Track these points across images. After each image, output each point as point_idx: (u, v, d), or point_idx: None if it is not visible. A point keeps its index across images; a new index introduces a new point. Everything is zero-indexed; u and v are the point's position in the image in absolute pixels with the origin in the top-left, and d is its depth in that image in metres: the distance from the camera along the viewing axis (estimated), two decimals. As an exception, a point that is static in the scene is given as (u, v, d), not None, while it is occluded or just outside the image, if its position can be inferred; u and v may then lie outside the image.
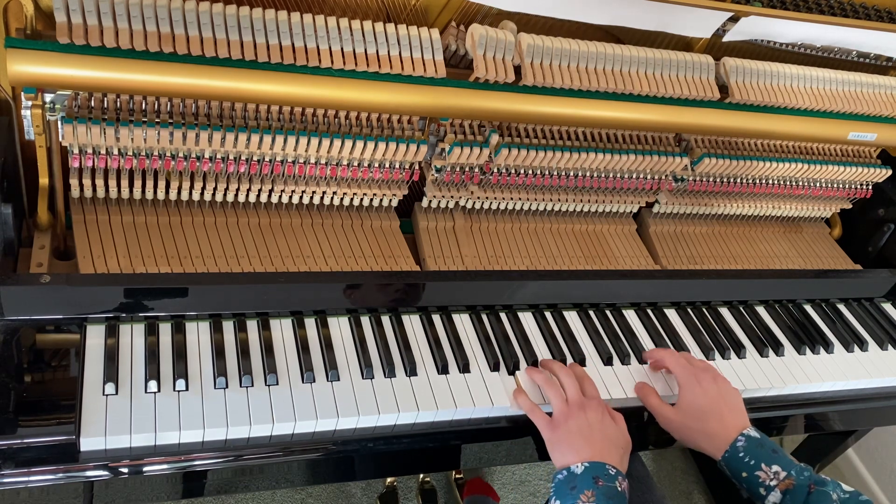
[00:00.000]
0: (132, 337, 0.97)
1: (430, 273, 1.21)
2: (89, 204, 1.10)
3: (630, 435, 1.02)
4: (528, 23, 1.14)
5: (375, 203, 1.22)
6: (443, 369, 1.06)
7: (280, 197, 1.15)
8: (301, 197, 1.16)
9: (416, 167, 1.16)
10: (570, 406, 0.99)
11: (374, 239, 1.23)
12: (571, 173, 1.23)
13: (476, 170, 1.18)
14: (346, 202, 1.20)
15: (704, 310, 1.32)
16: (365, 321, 1.09)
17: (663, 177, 1.30)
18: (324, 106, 1.04)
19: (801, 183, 1.41)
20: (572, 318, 1.22)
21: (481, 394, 1.04)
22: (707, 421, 1.01)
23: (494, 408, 1.03)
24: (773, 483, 0.94)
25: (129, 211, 1.11)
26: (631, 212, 1.42)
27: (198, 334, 1.00)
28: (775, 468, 0.95)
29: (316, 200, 1.17)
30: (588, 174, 1.24)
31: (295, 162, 1.08)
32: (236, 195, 1.12)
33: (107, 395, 0.89)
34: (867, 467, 2.15)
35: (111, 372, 0.92)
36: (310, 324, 1.06)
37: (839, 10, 1.28)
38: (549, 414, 1.01)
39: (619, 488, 0.90)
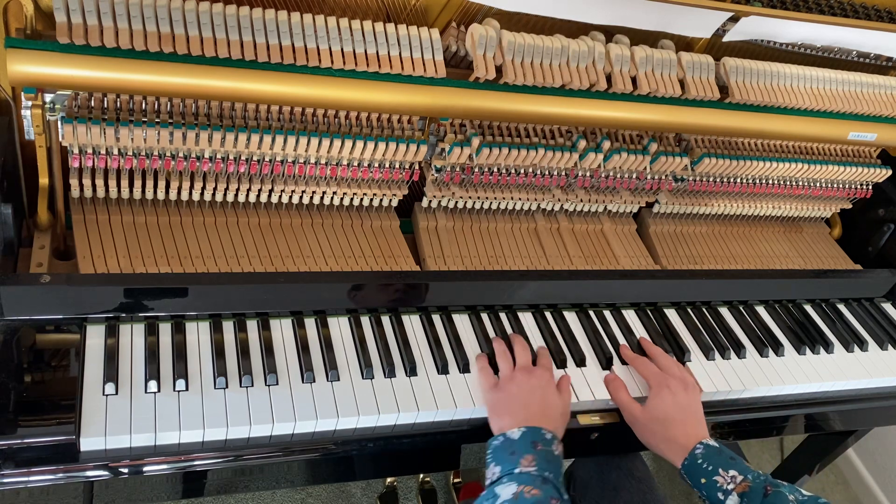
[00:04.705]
0: (132, 337, 0.97)
1: (430, 273, 1.21)
2: (89, 204, 1.10)
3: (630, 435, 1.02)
4: (528, 23, 1.14)
5: (375, 203, 1.22)
6: (443, 369, 1.06)
7: (280, 197, 1.15)
8: (301, 197, 1.16)
9: (416, 167, 1.16)
10: (516, 370, 1.04)
11: (374, 239, 1.23)
12: (572, 172, 1.22)
13: (477, 170, 1.18)
14: (346, 202, 1.20)
15: (704, 310, 1.32)
16: (365, 321, 1.09)
17: (663, 177, 1.30)
18: (324, 106, 1.04)
19: (801, 183, 1.41)
20: (572, 318, 1.22)
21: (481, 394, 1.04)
22: (670, 427, 1.03)
23: (494, 408, 1.03)
24: (730, 487, 0.95)
25: (129, 211, 1.11)
26: (631, 212, 1.42)
27: (198, 334, 1.00)
28: (732, 472, 0.96)
29: (316, 200, 1.17)
30: (588, 174, 1.24)
31: (295, 162, 1.08)
32: (236, 195, 1.12)
33: (107, 395, 0.90)
34: (867, 467, 2.15)
35: (111, 372, 0.92)
36: (310, 324, 1.06)
37: (839, 10, 1.28)
38: None
39: (556, 452, 0.93)
